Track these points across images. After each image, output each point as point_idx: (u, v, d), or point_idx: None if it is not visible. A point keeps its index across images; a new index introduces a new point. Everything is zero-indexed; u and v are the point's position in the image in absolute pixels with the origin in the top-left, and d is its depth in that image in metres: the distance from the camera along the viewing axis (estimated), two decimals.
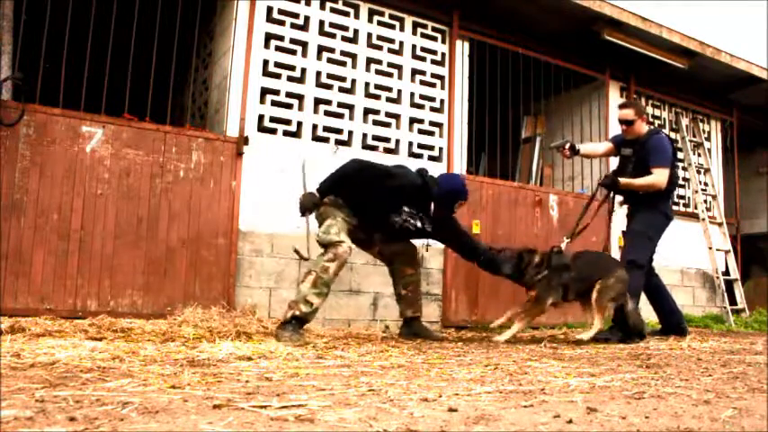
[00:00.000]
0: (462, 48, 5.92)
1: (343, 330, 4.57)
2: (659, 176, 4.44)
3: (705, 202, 7.54)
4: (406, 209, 4.03)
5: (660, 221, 4.56)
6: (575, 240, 4.46)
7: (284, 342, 3.41)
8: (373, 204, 3.99)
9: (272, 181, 4.83)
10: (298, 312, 3.62)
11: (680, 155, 7.53)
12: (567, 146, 4.60)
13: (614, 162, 6.82)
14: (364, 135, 5.32)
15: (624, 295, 4.15)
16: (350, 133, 5.25)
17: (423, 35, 5.73)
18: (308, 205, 3.87)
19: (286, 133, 4.99)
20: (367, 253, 4.43)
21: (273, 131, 4.93)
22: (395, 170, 4.07)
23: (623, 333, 4.33)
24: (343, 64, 5.28)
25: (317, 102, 5.14)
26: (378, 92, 5.42)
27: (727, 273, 7.44)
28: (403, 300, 4.25)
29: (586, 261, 4.25)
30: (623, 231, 4.80)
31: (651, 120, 7.38)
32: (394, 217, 4.02)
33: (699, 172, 7.66)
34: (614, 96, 7.02)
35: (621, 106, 4.74)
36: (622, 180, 4.47)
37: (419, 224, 4.08)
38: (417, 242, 4.37)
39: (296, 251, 3.94)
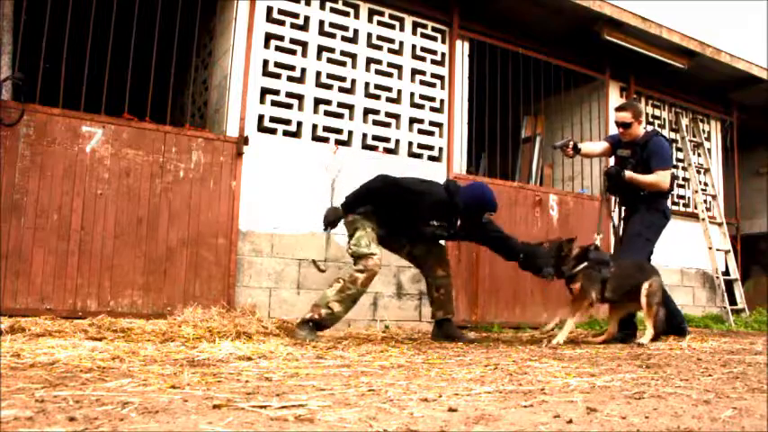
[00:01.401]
0: (462, 48, 5.92)
1: (343, 330, 4.57)
2: (663, 177, 4.46)
3: (705, 202, 7.54)
4: (434, 222, 4.00)
5: (659, 222, 4.55)
6: (578, 239, 4.46)
7: (300, 339, 3.53)
8: (401, 220, 3.99)
9: (272, 181, 4.83)
10: (316, 316, 3.69)
11: (680, 155, 7.54)
12: (570, 145, 4.60)
13: (613, 161, 6.83)
14: (364, 135, 5.32)
15: (662, 300, 4.19)
16: (350, 133, 5.25)
17: (423, 35, 5.72)
18: (332, 219, 3.92)
19: (286, 133, 4.99)
20: (399, 256, 4.38)
21: (273, 131, 4.93)
22: (420, 187, 3.99)
23: (624, 334, 4.34)
24: (343, 64, 5.28)
25: (317, 102, 5.14)
26: (378, 92, 5.42)
27: (727, 273, 7.44)
28: (435, 302, 4.21)
29: (626, 264, 4.26)
30: (621, 232, 4.78)
31: (651, 120, 7.39)
32: (424, 227, 4.00)
33: (699, 172, 7.66)
34: (614, 96, 7.01)
35: (619, 109, 4.72)
36: (627, 173, 4.44)
37: (451, 231, 4.08)
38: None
39: (314, 263, 3.96)
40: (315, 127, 5.10)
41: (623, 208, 4.75)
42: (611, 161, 6.15)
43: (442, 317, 4.18)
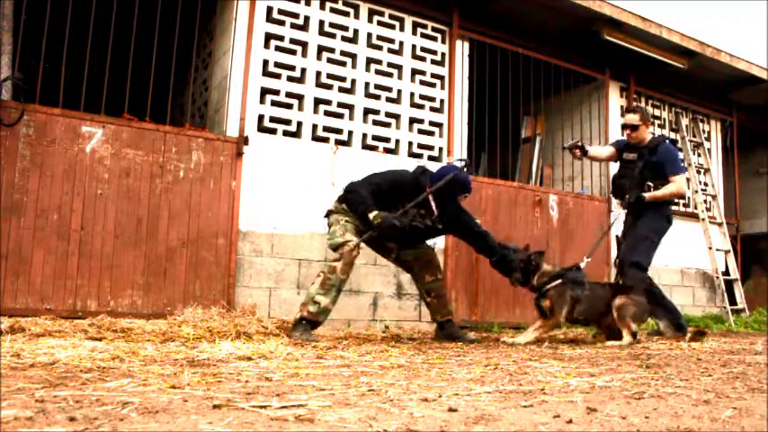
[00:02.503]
0: (462, 48, 5.92)
1: (343, 330, 4.57)
2: (681, 184, 4.56)
3: (705, 202, 7.54)
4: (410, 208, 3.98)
5: (664, 226, 4.59)
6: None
7: (294, 339, 3.53)
8: (378, 208, 3.94)
9: (272, 181, 4.83)
10: (305, 313, 3.70)
11: (680, 155, 7.54)
12: (579, 146, 4.63)
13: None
14: (364, 135, 5.32)
15: (643, 317, 4.24)
16: (350, 133, 5.25)
17: (423, 35, 5.73)
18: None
19: (286, 133, 4.99)
20: (387, 260, 4.40)
21: (273, 131, 4.94)
22: (384, 172, 4.09)
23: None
24: (343, 64, 5.28)
25: (317, 102, 5.14)
26: (378, 92, 5.42)
27: (727, 273, 7.43)
28: (429, 306, 4.22)
29: (600, 288, 4.34)
30: (622, 234, 4.77)
31: (651, 120, 7.39)
32: (401, 218, 3.96)
33: (699, 172, 7.66)
34: (614, 96, 7.02)
35: (628, 111, 4.82)
36: (647, 195, 4.48)
37: (428, 222, 4.02)
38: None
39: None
40: (315, 127, 5.10)
41: (626, 212, 4.74)
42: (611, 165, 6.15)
43: (441, 319, 4.19)
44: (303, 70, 5.09)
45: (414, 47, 5.65)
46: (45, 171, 4.09)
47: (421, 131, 5.63)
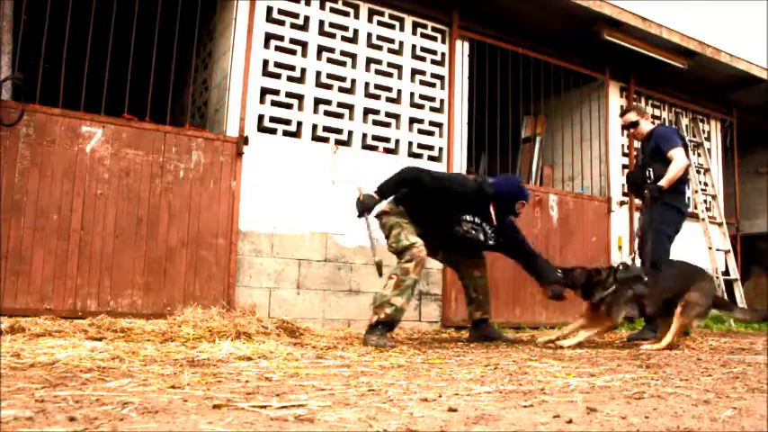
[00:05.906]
0: (462, 48, 5.92)
1: (343, 330, 4.57)
2: (677, 156, 4.40)
3: (705, 202, 7.54)
4: (467, 217, 3.94)
5: (676, 218, 4.53)
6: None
7: (372, 345, 3.45)
8: (434, 214, 3.91)
9: (272, 181, 4.83)
10: (383, 316, 3.63)
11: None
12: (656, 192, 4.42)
13: (613, 161, 6.84)
14: (364, 135, 5.32)
15: (707, 308, 3.96)
16: (350, 133, 5.25)
17: (423, 35, 5.72)
18: (369, 204, 3.75)
19: (286, 133, 4.99)
20: (435, 260, 4.41)
21: (273, 131, 4.94)
22: (449, 176, 4.07)
23: (655, 331, 4.30)
24: (343, 64, 5.27)
25: (317, 102, 5.14)
26: (378, 92, 5.42)
27: (727, 273, 7.43)
28: (474, 302, 4.21)
29: (664, 274, 4.09)
30: (639, 229, 4.77)
31: (651, 120, 7.40)
32: (456, 228, 3.94)
33: (699, 172, 7.66)
34: (614, 96, 7.02)
35: (622, 114, 4.79)
36: (662, 183, 4.39)
37: (481, 237, 3.99)
38: None
39: (378, 264, 3.79)
40: (315, 127, 5.10)
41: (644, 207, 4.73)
42: (613, 161, 6.13)
43: (480, 317, 4.20)
44: (303, 70, 5.09)
45: (414, 47, 5.65)
46: (45, 171, 4.09)
47: (421, 131, 5.63)
